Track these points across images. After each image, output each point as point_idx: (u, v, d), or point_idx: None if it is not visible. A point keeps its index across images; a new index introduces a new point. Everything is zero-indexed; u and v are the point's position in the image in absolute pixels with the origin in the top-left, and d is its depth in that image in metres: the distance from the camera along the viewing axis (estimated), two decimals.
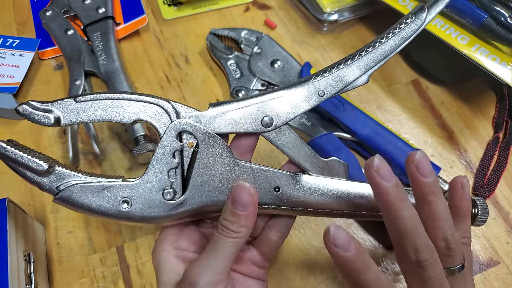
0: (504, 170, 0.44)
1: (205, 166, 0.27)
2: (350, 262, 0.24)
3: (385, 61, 0.28)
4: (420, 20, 0.28)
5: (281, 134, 0.29)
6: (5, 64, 0.45)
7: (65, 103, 0.26)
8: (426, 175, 0.25)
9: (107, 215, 0.27)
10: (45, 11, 0.49)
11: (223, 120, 0.28)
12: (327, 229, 0.24)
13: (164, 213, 0.27)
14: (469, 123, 0.48)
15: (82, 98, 0.26)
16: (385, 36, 0.28)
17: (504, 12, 0.40)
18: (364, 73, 0.28)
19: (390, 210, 0.24)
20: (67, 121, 0.26)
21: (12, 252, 0.32)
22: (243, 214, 0.27)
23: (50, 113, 0.26)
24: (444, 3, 0.28)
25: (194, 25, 0.53)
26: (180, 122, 0.27)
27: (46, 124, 0.26)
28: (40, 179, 0.26)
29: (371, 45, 0.28)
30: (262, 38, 0.48)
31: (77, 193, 0.26)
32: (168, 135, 0.27)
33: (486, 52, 0.41)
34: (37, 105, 0.26)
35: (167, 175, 0.27)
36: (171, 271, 0.28)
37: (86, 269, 0.38)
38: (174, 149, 0.27)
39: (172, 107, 0.27)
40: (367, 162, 0.25)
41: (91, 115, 0.26)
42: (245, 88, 0.46)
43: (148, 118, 0.27)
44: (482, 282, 0.39)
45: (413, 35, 0.28)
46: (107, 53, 0.46)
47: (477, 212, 0.32)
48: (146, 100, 0.27)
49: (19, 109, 0.25)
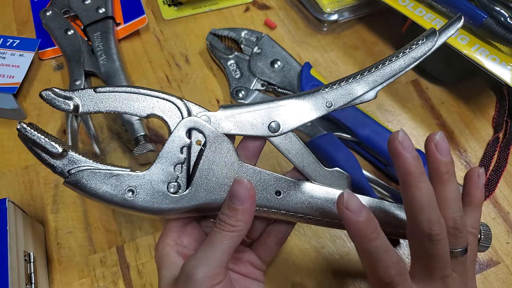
0: (504, 170, 0.44)
1: (210, 164, 0.28)
2: (361, 227, 0.25)
3: (394, 79, 0.29)
4: (431, 43, 0.29)
5: (286, 140, 0.29)
6: (5, 64, 0.45)
7: (85, 92, 0.27)
8: (444, 155, 0.27)
9: (112, 202, 0.27)
10: (45, 11, 0.49)
11: (231, 121, 0.29)
12: (341, 194, 0.25)
13: (167, 206, 0.28)
14: (469, 123, 0.48)
15: (101, 89, 0.28)
16: (396, 55, 0.29)
17: (504, 12, 0.40)
18: (372, 88, 0.29)
19: (409, 180, 0.25)
20: (85, 109, 0.27)
21: (12, 252, 0.32)
22: (240, 209, 0.27)
23: (70, 100, 0.27)
24: (455, 29, 0.29)
25: (194, 25, 0.53)
26: (190, 120, 0.28)
27: (65, 110, 0.27)
28: (54, 161, 0.27)
29: (381, 63, 0.29)
30: (262, 38, 0.48)
31: (86, 178, 0.27)
32: (178, 131, 0.28)
33: (486, 52, 0.41)
34: (59, 92, 0.27)
35: (173, 169, 0.28)
36: (172, 266, 0.29)
37: (86, 269, 0.38)
38: (182, 144, 0.28)
39: (184, 105, 0.28)
40: (391, 135, 0.26)
41: (108, 106, 0.28)
42: (245, 88, 0.46)
43: (161, 113, 0.28)
44: (482, 282, 0.39)
45: (423, 56, 0.29)
46: (107, 53, 0.46)
47: (480, 237, 0.32)
48: (161, 96, 0.28)
49: (42, 94, 0.27)
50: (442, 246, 0.26)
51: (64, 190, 0.41)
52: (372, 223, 0.25)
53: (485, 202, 0.43)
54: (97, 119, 0.45)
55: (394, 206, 0.31)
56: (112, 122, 0.45)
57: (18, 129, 0.26)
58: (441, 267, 0.26)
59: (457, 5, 0.42)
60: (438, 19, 0.43)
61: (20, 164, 0.42)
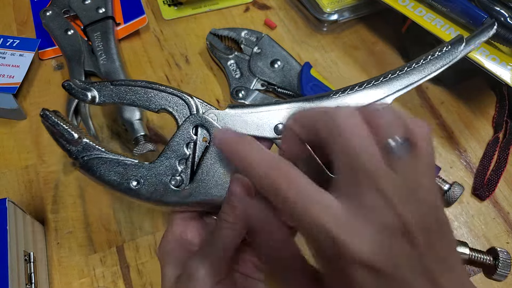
0: (504, 170, 0.44)
1: (214, 162, 0.29)
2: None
3: (411, 87, 0.28)
4: (456, 52, 0.28)
5: None
6: (5, 64, 0.45)
7: (103, 84, 0.29)
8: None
9: (119, 189, 0.29)
10: (45, 11, 0.49)
11: (238, 121, 0.29)
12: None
13: (169, 199, 0.29)
14: (469, 123, 0.48)
15: (118, 82, 0.29)
16: (416, 62, 0.28)
17: (504, 12, 0.40)
18: (389, 95, 0.28)
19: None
20: (101, 100, 0.29)
21: (12, 252, 0.32)
22: (238, 206, 0.27)
23: (88, 91, 0.29)
24: (486, 37, 0.28)
25: (194, 25, 0.53)
26: (198, 116, 0.29)
27: (83, 100, 0.29)
28: (70, 147, 0.29)
29: (399, 70, 0.28)
30: (262, 38, 0.48)
31: (97, 165, 0.28)
32: (185, 126, 0.29)
33: (486, 52, 0.41)
34: (78, 83, 0.29)
35: (177, 163, 0.29)
36: (175, 262, 0.28)
37: (86, 269, 0.38)
38: (188, 140, 0.29)
39: (194, 102, 0.29)
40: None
41: (123, 99, 0.29)
42: (245, 88, 0.46)
43: (171, 109, 0.29)
44: (482, 282, 0.39)
45: (446, 65, 0.28)
46: (107, 53, 0.46)
47: (497, 264, 0.31)
48: (173, 93, 0.29)
49: (64, 84, 0.29)
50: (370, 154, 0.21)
51: (64, 190, 0.41)
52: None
53: (485, 202, 0.43)
54: (97, 119, 0.45)
55: None
56: (112, 122, 0.45)
57: (41, 115, 0.28)
58: (372, 170, 0.21)
59: (457, 5, 0.42)
60: (438, 19, 0.43)
61: (20, 164, 0.42)
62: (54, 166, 0.42)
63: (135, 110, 0.43)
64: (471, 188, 0.44)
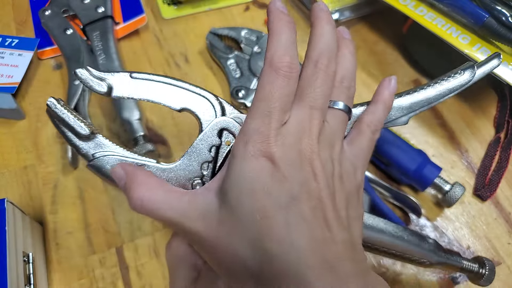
0: (505, 170, 0.44)
1: None
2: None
3: (427, 107, 0.29)
4: (468, 76, 0.30)
5: None
6: (4, 63, 0.45)
7: (120, 75, 0.27)
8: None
9: None
10: (44, 10, 0.49)
11: None
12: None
13: None
14: (470, 123, 0.48)
15: (137, 75, 0.27)
16: (430, 84, 0.29)
17: (506, 11, 0.40)
18: (405, 114, 0.29)
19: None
20: (118, 94, 0.26)
21: (11, 252, 0.31)
22: None
23: (104, 82, 0.26)
24: (493, 67, 0.30)
25: (193, 25, 0.52)
26: (224, 120, 0.27)
27: (98, 92, 0.26)
28: (79, 142, 0.26)
29: (414, 90, 0.29)
30: (262, 37, 0.48)
31: (110, 164, 0.26)
32: (210, 130, 0.27)
33: (487, 52, 0.41)
34: (93, 72, 0.26)
35: (200, 167, 0.27)
36: (189, 267, 0.27)
37: (85, 270, 0.38)
38: (212, 144, 0.27)
39: (219, 104, 0.28)
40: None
41: (141, 93, 0.27)
42: (245, 87, 0.46)
43: (194, 109, 0.28)
44: None
45: (458, 89, 0.30)
46: (107, 53, 0.46)
47: (485, 273, 0.33)
48: (197, 92, 0.28)
49: (77, 72, 0.26)
50: (321, 80, 0.26)
51: (63, 190, 0.41)
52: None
53: (487, 203, 0.43)
54: (97, 119, 0.45)
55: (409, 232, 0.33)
56: (112, 122, 0.45)
57: (48, 104, 0.26)
58: (313, 97, 0.25)
59: (459, 4, 0.41)
60: (439, 19, 0.43)
61: (19, 164, 0.42)
62: (53, 167, 0.42)
63: (134, 110, 0.43)
64: (472, 189, 0.44)
